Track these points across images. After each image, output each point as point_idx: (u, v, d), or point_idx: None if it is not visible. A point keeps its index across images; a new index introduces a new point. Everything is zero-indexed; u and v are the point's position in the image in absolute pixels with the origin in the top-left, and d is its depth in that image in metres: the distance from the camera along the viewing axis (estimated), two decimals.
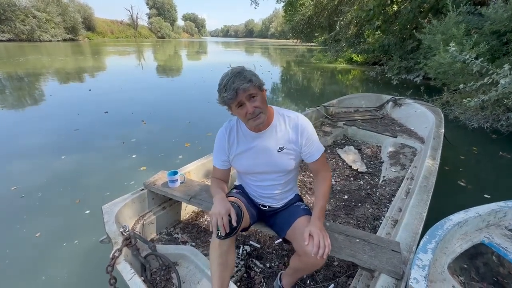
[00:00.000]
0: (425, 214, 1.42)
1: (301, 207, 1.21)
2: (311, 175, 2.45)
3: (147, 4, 73.25)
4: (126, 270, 1.16)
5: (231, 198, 1.16)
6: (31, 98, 6.31)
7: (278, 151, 1.12)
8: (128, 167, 3.06)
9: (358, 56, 13.59)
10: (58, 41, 32.88)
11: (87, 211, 2.24)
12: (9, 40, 28.33)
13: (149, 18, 70.40)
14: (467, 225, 1.25)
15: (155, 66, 13.50)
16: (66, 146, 3.61)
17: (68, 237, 1.97)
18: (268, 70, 12.58)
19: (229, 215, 0.99)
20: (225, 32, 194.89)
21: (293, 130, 1.12)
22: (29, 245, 1.92)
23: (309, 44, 26.99)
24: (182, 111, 5.51)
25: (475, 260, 1.16)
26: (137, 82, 8.70)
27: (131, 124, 4.56)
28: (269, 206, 1.27)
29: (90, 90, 7.09)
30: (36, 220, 2.17)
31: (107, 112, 5.10)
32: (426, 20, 6.41)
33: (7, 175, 2.84)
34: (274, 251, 1.59)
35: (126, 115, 5.00)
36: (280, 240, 1.62)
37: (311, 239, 0.95)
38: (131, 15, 59.54)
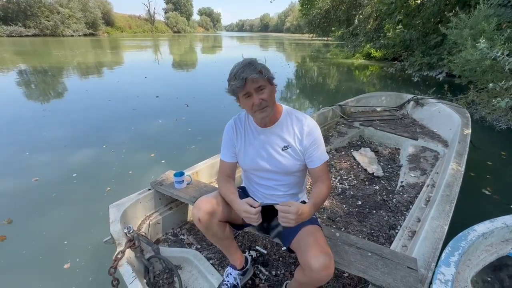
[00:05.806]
0: (446, 228, 1.31)
1: None
2: None
3: None
4: (128, 273, 1.14)
5: None
6: (106, 82, 7.66)
7: (283, 150, 1.10)
8: (187, 137, 3.86)
9: (376, 51, 13.05)
10: (79, 35, 33.97)
11: (163, 161, 3.14)
12: (34, 35, 29.56)
13: (165, 13, 71.23)
14: (493, 236, 1.17)
15: (185, 60, 14.67)
16: (134, 120, 4.46)
17: (140, 170, 2.95)
18: (287, 64, 12.84)
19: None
20: (240, 27, 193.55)
21: (299, 131, 1.09)
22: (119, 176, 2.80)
23: (325, 38, 26.33)
24: (218, 95, 6.25)
25: (499, 273, 1.10)
26: (175, 73, 9.99)
27: (177, 106, 5.36)
28: None
29: (146, 77, 8.24)
30: (122, 164, 3.04)
31: (158, 96, 5.91)
32: (452, 14, 6.01)
33: (99, 136, 3.82)
34: (280, 258, 1.53)
35: (172, 100, 5.84)
36: None
37: (286, 208, 0.91)
38: (148, 10, 60.54)
